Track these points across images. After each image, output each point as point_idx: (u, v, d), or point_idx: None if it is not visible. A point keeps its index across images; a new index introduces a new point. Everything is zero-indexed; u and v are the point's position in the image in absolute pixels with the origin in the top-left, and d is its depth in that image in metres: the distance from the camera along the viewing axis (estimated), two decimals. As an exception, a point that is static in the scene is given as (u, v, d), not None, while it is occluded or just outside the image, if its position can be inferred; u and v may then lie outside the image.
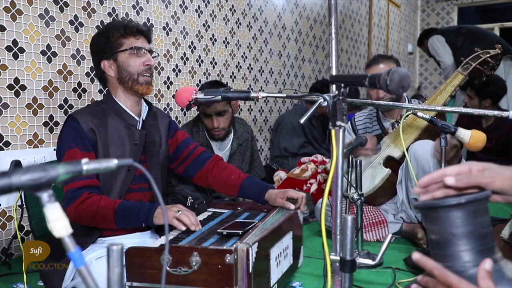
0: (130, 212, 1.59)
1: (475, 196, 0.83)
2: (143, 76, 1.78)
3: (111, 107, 1.80)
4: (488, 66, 2.42)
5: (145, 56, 1.79)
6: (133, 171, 1.77)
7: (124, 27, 1.77)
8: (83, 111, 1.77)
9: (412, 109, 1.95)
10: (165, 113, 2.03)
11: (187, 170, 1.99)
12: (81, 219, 1.61)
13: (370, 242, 2.41)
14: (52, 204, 0.65)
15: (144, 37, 1.82)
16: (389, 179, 2.39)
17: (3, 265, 2.06)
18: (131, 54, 1.77)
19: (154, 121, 1.90)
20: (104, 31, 1.81)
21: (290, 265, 1.64)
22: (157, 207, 1.59)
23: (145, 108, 1.90)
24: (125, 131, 1.78)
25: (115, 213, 1.59)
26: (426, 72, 8.07)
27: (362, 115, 2.75)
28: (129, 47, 1.77)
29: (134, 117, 1.83)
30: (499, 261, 0.83)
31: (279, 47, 4.27)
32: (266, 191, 1.83)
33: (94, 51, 1.84)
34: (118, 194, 1.73)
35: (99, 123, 1.73)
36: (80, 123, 1.70)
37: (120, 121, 1.78)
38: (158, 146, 1.88)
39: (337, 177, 1.06)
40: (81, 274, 0.65)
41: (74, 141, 1.67)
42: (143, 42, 1.81)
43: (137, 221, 1.59)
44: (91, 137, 1.70)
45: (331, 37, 1.20)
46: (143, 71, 1.78)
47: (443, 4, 7.99)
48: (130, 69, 1.77)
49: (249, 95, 1.41)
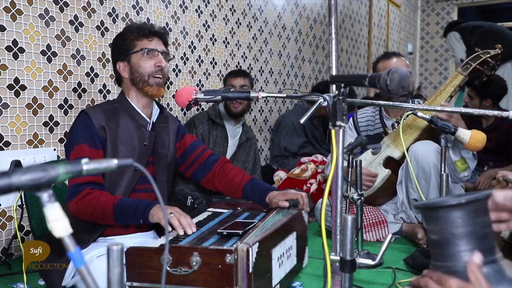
0: (128, 208, 1.60)
1: (476, 196, 0.83)
2: (153, 78, 1.80)
3: (123, 107, 1.83)
4: (488, 66, 2.42)
5: (157, 58, 1.81)
6: (140, 171, 1.77)
7: (138, 29, 1.81)
8: (96, 108, 1.80)
9: (411, 109, 1.95)
10: (175, 118, 2.06)
11: (195, 173, 2.01)
12: (81, 214, 1.62)
13: (370, 242, 2.41)
14: (52, 204, 0.65)
15: (159, 39, 1.85)
16: (389, 179, 2.39)
17: (3, 265, 2.06)
18: (143, 55, 1.80)
19: (165, 124, 1.93)
20: (121, 33, 1.86)
21: (294, 265, 1.64)
22: (154, 205, 1.59)
23: (156, 110, 1.93)
24: (135, 131, 1.80)
25: (114, 209, 1.59)
26: (426, 72, 8.07)
27: (365, 113, 2.74)
28: (141, 48, 1.80)
29: (145, 118, 1.85)
30: (499, 261, 0.83)
31: (279, 47, 4.27)
32: (267, 194, 1.83)
33: (112, 52, 1.90)
34: (123, 194, 1.74)
35: (110, 121, 1.76)
36: (92, 120, 1.72)
37: (131, 121, 1.81)
38: (166, 148, 1.90)
39: (337, 177, 1.06)
40: (81, 274, 0.65)
41: (84, 137, 1.69)
42: (157, 44, 1.83)
43: (134, 217, 1.59)
44: (101, 135, 1.72)
45: (331, 37, 1.20)
46: (154, 72, 1.80)
47: (443, 4, 7.99)
48: (141, 70, 1.80)
49: (249, 95, 1.41)
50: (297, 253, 1.67)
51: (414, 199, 2.31)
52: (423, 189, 2.23)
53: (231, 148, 2.97)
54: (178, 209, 1.60)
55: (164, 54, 1.85)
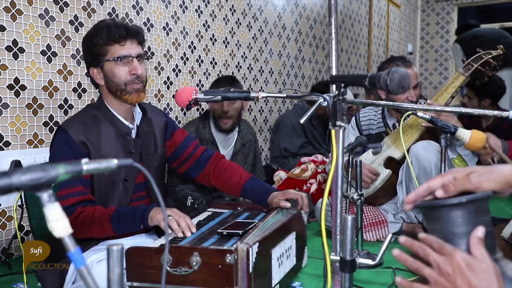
0: (126, 215, 1.57)
1: (476, 196, 0.83)
2: (131, 85, 1.67)
3: (103, 114, 1.71)
4: (489, 67, 2.42)
5: (132, 65, 1.66)
6: (132, 182, 1.74)
7: (108, 33, 1.62)
8: (74, 122, 1.69)
9: (411, 109, 1.95)
10: (161, 112, 1.95)
11: (189, 171, 1.98)
12: (78, 234, 1.55)
13: (370, 242, 2.40)
14: (52, 204, 0.65)
15: (133, 40, 1.67)
16: (390, 179, 2.39)
17: (3, 265, 2.06)
18: (116, 63, 1.65)
19: (149, 128, 1.83)
20: (90, 35, 1.68)
21: (293, 265, 1.64)
22: (151, 208, 1.56)
23: (139, 114, 1.82)
24: (119, 141, 1.71)
25: (111, 219, 1.56)
26: (426, 72, 8.07)
27: (367, 112, 2.73)
28: (113, 57, 1.64)
29: (127, 125, 1.75)
30: (499, 261, 0.83)
31: (279, 47, 4.27)
32: (268, 195, 1.82)
33: (83, 56, 1.76)
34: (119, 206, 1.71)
35: (90, 134, 1.66)
36: (70, 135, 1.62)
37: (113, 129, 1.71)
38: (152, 153, 1.83)
39: (337, 177, 1.06)
40: (81, 274, 0.65)
41: (65, 155, 1.61)
42: (131, 47, 1.66)
43: (133, 223, 1.56)
44: (82, 150, 1.64)
45: (331, 37, 1.20)
46: (130, 80, 1.66)
47: (443, 4, 7.99)
48: (116, 80, 1.66)
49: (249, 95, 1.41)
50: (296, 253, 1.67)
51: (414, 199, 2.31)
52: (424, 189, 2.22)
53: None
54: (176, 211, 1.59)
55: (140, 57, 1.69)
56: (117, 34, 1.63)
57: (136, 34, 1.68)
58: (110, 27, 1.64)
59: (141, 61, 1.70)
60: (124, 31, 1.64)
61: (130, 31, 1.67)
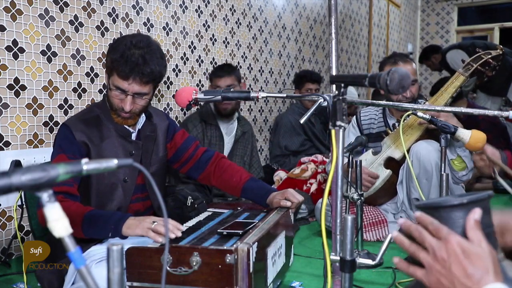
0: (98, 219, 1.52)
1: (478, 196, 0.82)
2: (120, 111, 1.69)
3: (106, 116, 1.74)
4: (489, 67, 2.42)
5: (124, 100, 1.66)
6: (131, 183, 1.74)
7: (117, 64, 1.60)
8: (76, 120, 1.72)
9: (411, 109, 1.95)
10: (163, 115, 1.96)
11: (190, 172, 1.99)
12: None
13: (370, 242, 2.41)
14: (52, 204, 0.65)
15: (140, 79, 1.62)
16: (390, 179, 2.39)
17: (3, 265, 2.06)
18: (113, 89, 1.66)
19: (152, 133, 1.85)
20: (109, 50, 1.67)
21: (283, 264, 1.65)
22: (128, 217, 1.50)
23: (142, 118, 1.83)
24: (120, 142, 1.74)
25: (83, 219, 1.52)
26: (426, 72, 8.07)
27: (368, 111, 2.73)
28: (113, 83, 1.66)
29: (128, 129, 1.77)
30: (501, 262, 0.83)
31: (279, 47, 4.26)
32: (268, 196, 1.83)
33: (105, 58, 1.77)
34: (119, 208, 1.71)
35: (92, 134, 1.69)
36: (73, 132, 1.66)
37: (115, 131, 1.73)
38: (150, 156, 1.84)
39: (337, 177, 1.06)
40: (81, 274, 0.65)
41: (63, 148, 1.64)
42: (133, 84, 1.63)
43: (104, 229, 1.50)
44: (82, 147, 1.66)
45: (331, 37, 1.20)
46: (119, 110, 1.69)
47: (443, 4, 7.99)
48: (111, 100, 1.70)
49: (249, 95, 1.41)
50: (286, 252, 1.68)
51: (415, 198, 2.31)
52: (425, 189, 2.22)
53: (227, 145, 2.97)
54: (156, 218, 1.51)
55: (138, 95, 1.66)
56: (121, 70, 1.61)
57: (146, 77, 1.62)
58: (123, 56, 1.60)
59: (138, 98, 1.68)
60: (131, 72, 1.60)
61: (142, 71, 1.60)
